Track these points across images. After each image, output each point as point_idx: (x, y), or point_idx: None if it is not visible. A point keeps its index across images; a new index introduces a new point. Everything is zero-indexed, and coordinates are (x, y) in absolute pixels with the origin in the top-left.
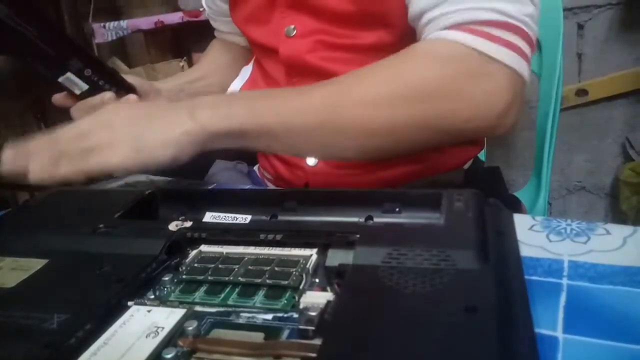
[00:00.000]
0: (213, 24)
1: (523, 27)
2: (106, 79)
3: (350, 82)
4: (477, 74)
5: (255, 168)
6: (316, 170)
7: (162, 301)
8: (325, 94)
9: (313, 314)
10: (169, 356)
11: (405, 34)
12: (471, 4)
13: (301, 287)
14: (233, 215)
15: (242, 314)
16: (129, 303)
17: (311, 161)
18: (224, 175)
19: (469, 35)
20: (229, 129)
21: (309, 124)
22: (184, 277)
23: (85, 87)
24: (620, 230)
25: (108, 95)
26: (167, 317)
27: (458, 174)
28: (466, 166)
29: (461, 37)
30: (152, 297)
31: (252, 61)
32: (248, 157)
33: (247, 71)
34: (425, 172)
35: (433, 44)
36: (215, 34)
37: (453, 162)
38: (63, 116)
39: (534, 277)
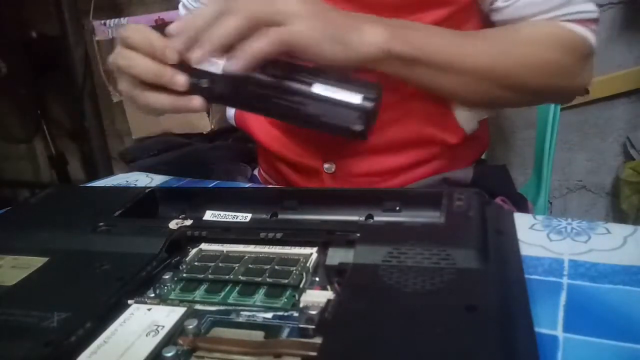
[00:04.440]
0: None
1: (599, 17)
2: None
3: (507, 42)
4: (586, 58)
5: (256, 172)
6: (334, 177)
7: (162, 299)
8: (491, 45)
9: (313, 312)
10: (169, 355)
11: (464, 10)
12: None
13: (301, 285)
14: (233, 213)
15: (242, 313)
16: (129, 301)
17: (330, 168)
18: (226, 178)
19: (586, 30)
20: (406, 54)
21: (472, 68)
22: (184, 275)
23: None
24: (620, 230)
25: None
26: (167, 316)
27: (467, 173)
28: (473, 165)
29: (582, 30)
30: (152, 295)
31: None
32: (249, 159)
33: None
34: (436, 164)
35: (559, 32)
36: None
37: (463, 162)
38: (63, 114)
39: (534, 276)
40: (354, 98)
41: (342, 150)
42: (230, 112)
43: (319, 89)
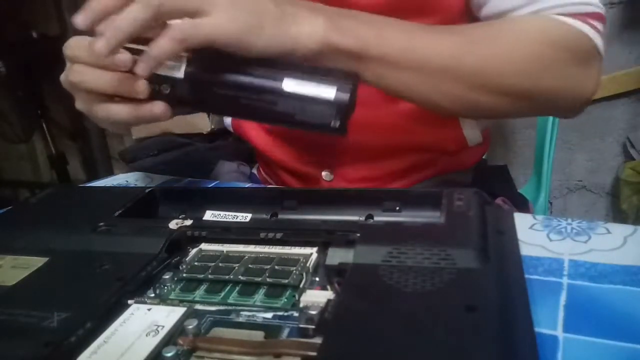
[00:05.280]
0: None
1: (603, 13)
2: None
3: (477, 35)
4: (587, 60)
5: (255, 170)
6: (333, 184)
7: (162, 300)
8: (456, 40)
9: (313, 312)
10: (169, 355)
11: (453, 19)
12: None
13: (301, 285)
14: (233, 213)
15: (242, 313)
16: (129, 301)
17: (328, 176)
18: (226, 177)
19: (584, 25)
20: (350, 47)
21: (434, 65)
22: (184, 275)
23: None
24: (620, 230)
25: None
26: (167, 316)
27: (467, 174)
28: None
29: (579, 24)
30: (152, 295)
31: None
32: (249, 159)
33: None
34: (435, 169)
35: (548, 24)
36: None
37: (464, 163)
38: (63, 114)
39: (534, 276)
40: (328, 92)
41: (340, 157)
42: (227, 119)
43: (289, 85)
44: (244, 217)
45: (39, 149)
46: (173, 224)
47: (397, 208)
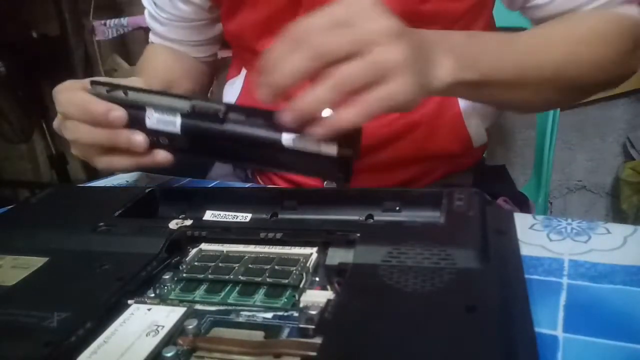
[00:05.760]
0: (158, 29)
1: None
2: None
3: (569, 41)
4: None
5: (249, 173)
6: None
7: (162, 300)
8: (554, 50)
9: (313, 312)
10: (169, 355)
11: (451, 26)
12: None
13: (301, 285)
14: (233, 213)
15: (242, 313)
16: (129, 301)
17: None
18: (222, 180)
19: (634, 9)
20: (471, 81)
21: (539, 79)
22: (184, 275)
23: None
24: (620, 230)
25: None
26: (167, 316)
27: (468, 175)
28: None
29: (629, 10)
30: (152, 295)
31: (241, 74)
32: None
33: (233, 86)
34: (437, 174)
35: (618, 18)
36: (155, 39)
37: (465, 164)
38: None
39: (534, 276)
40: (329, 149)
41: None
42: None
43: (289, 140)
44: (244, 217)
45: (39, 149)
46: (173, 224)
47: (397, 208)
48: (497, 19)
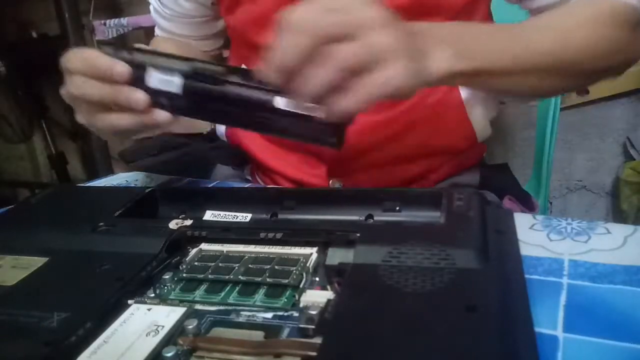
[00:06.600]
0: (163, 24)
1: None
2: None
3: (565, 27)
4: (637, 27)
5: (247, 172)
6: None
7: (162, 299)
8: (551, 38)
9: (313, 312)
10: (169, 355)
11: (454, 17)
12: None
13: (301, 285)
14: (233, 213)
15: (242, 313)
16: (129, 301)
17: (335, 184)
18: (225, 178)
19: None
20: (467, 71)
21: (542, 64)
22: (184, 275)
23: None
24: (620, 230)
25: None
26: (167, 316)
27: (474, 176)
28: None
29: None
30: (152, 295)
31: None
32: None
33: None
34: (442, 171)
35: (611, 6)
36: (160, 34)
37: (468, 163)
38: (63, 114)
39: (534, 276)
40: (320, 110)
41: (349, 166)
42: (220, 129)
43: (281, 102)
44: (244, 217)
45: (39, 149)
46: (173, 224)
47: (397, 208)
48: (496, 19)
